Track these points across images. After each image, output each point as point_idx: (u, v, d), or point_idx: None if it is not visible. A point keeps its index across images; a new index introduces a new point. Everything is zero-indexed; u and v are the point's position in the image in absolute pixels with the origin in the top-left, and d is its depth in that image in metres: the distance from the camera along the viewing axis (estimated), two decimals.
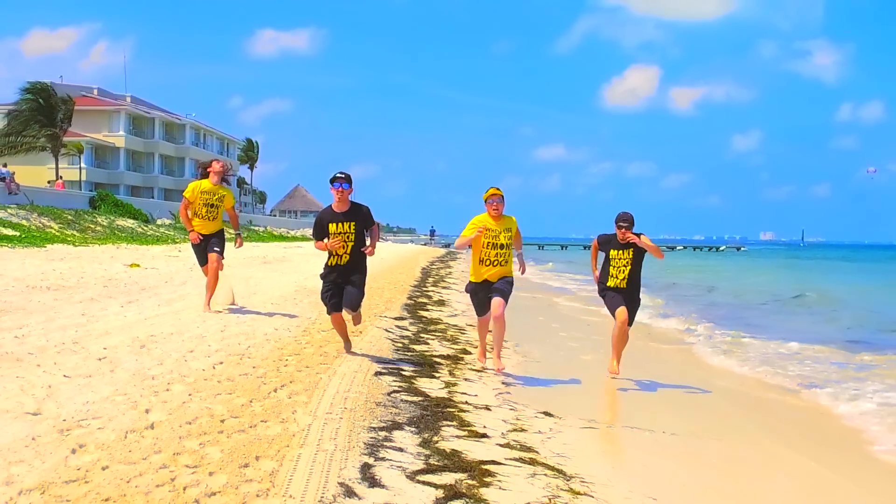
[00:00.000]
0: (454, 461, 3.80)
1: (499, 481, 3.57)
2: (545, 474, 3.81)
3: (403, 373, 5.95)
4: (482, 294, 6.37)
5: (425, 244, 66.47)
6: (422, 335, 8.48)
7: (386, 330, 8.31)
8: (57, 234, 24.25)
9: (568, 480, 3.77)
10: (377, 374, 5.70)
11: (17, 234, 21.29)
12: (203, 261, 8.05)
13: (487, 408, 5.16)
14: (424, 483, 3.39)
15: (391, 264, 24.23)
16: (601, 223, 5.31)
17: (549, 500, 3.44)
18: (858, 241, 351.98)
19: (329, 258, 5.94)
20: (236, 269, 15.34)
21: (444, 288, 16.82)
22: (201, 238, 7.94)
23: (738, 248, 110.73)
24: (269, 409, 4.14)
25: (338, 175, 5.83)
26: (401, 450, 3.84)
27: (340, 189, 5.80)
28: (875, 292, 21.77)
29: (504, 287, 6.29)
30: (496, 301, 6.24)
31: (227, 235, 8.45)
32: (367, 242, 6.01)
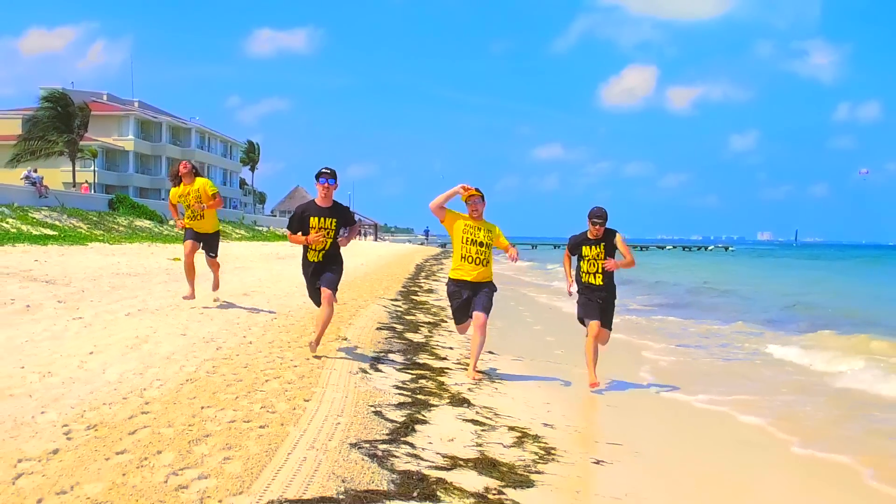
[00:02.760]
0: (424, 367, 6.52)
1: (448, 375, 6.26)
2: (479, 378, 6.49)
3: (396, 329, 8.66)
4: (462, 299, 6.24)
5: (421, 243, 69.42)
6: (411, 310, 11.19)
7: (384, 307, 11.00)
8: (86, 233, 26.84)
9: (491, 377, 6.47)
10: (378, 328, 8.42)
11: (56, 233, 23.95)
12: (189, 236, 8.17)
13: (451, 348, 7.87)
14: (406, 372, 6.09)
15: (389, 261, 26.97)
16: None
17: (477, 382, 6.13)
18: (856, 241, 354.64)
19: (307, 252, 6.04)
20: (257, 263, 18.05)
21: (434, 281, 19.52)
22: (186, 229, 8.20)
23: (726, 248, 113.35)
24: (307, 341, 6.82)
25: (324, 171, 5.84)
26: (393, 361, 6.54)
27: (326, 185, 5.81)
28: (795, 284, 24.67)
29: (486, 302, 6.16)
30: (479, 316, 6.12)
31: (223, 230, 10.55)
32: (344, 234, 6.14)
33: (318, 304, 6.16)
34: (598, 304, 6.36)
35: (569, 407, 5.69)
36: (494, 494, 3.45)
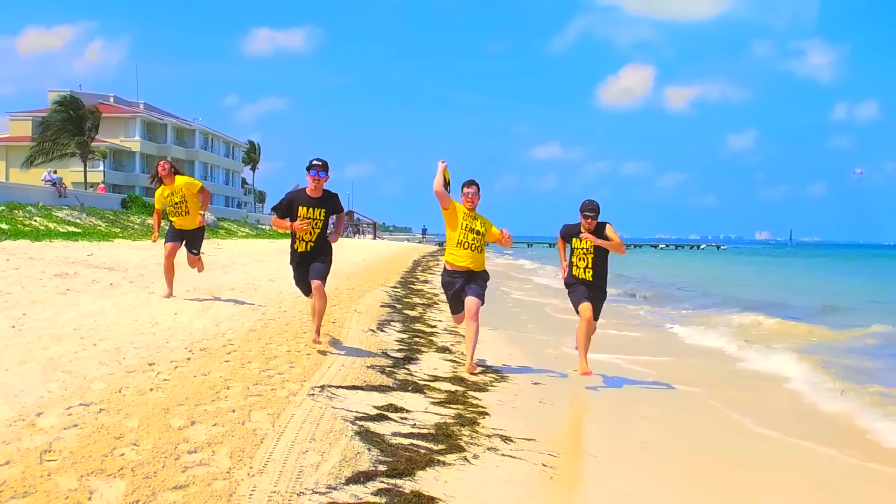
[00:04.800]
0: (418, 331, 8.49)
1: (438, 339, 8.22)
2: (461, 339, 8.46)
3: (396, 307, 10.63)
4: (456, 288, 6.37)
5: (419, 242, 71.54)
6: (409, 295, 13.16)
7: (385, 291, 12.97)
8: (106, 230, 28.74)
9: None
10: (381, 306, 10.39)
11: (80, 231, 25.88)
12: (171, 238, 8.42)
13: (440, 321, 9.83)
14: (404, 333, 8.06)
15: (388, 257, 28.97)
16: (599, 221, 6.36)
17: (459, 342, 8.09)
18: (854, 241, 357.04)
19: (295, 243, 6.03)
20: (270, 256, 19.99)
21: (430, 274, 21.50)
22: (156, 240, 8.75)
23: (718, 247, 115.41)
24: (327, 312, 8.80)
25: (315, 162, 5.81)
26: (394, 326, 8.50)
27: (318, 177, 5.79)
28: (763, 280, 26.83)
29: (478, 290, 6.29)
30: (471, 301, 6.22)
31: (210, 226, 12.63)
32: (331, 229, 6.17)
33: (306, 292, 6.25)
34: (589, 292, 6.37)
35: (525, 356, 7.66)
36: (460, 394, 5.41)
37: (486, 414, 4.84)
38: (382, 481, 3.28)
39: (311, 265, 6.00)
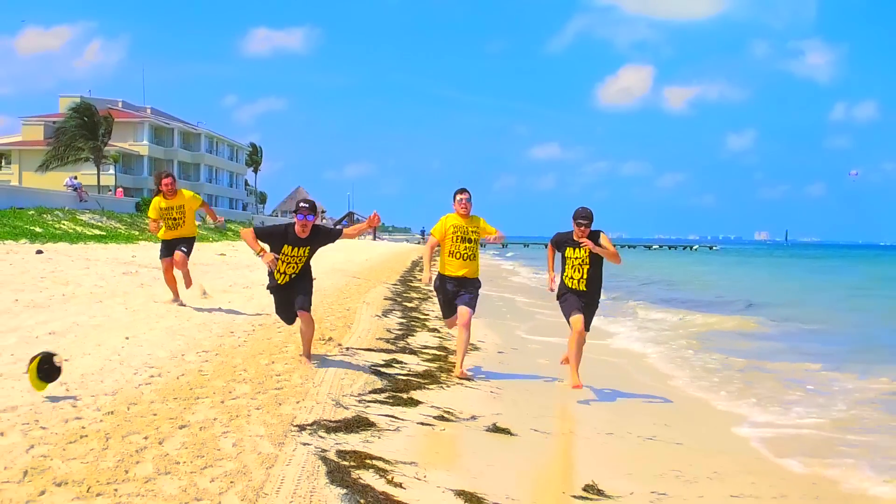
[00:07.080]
0: (414, 318, 10.75)
1: (430, 323, 10.47)
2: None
3: (397, 300, 12.90)
4: (449, 292, 6.71)
5: (417, 243, 73.87)
6: (408, 291, 15.43)
7: (387, 287, 15.22)
8: (126, 233, 30.92)
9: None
10: (385, 298, 12.65)
11: (105, 233, 28.08)
12: (164, 254, 8.54)
13: (432, 310, 12.09)
14: (403, 319, 10.32)
15: (389, 257, 31.29)
16: (597, 222, 6.21)
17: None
18: (852, 241, 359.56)
19: (274, 273, 6.06)
20: None
21: None
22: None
23: (711, 248, 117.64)
24: (342, 302, 11.04)
25: (302, 205, 5.86)
26: (395, 314, 10.76)
27: (304, 221, 5.81)
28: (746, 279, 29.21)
29: (469, 299, 6.67)
30: (463, 310, 6.61)
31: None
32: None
33: (288, 321, 6.34)
34: (581, 302, 6.36)
35: (497, 335, 9.92)
36: (442, 357, 7.66)
37: None
38: (389, 394, 5.54)
39: (293, 297, 6.09)
